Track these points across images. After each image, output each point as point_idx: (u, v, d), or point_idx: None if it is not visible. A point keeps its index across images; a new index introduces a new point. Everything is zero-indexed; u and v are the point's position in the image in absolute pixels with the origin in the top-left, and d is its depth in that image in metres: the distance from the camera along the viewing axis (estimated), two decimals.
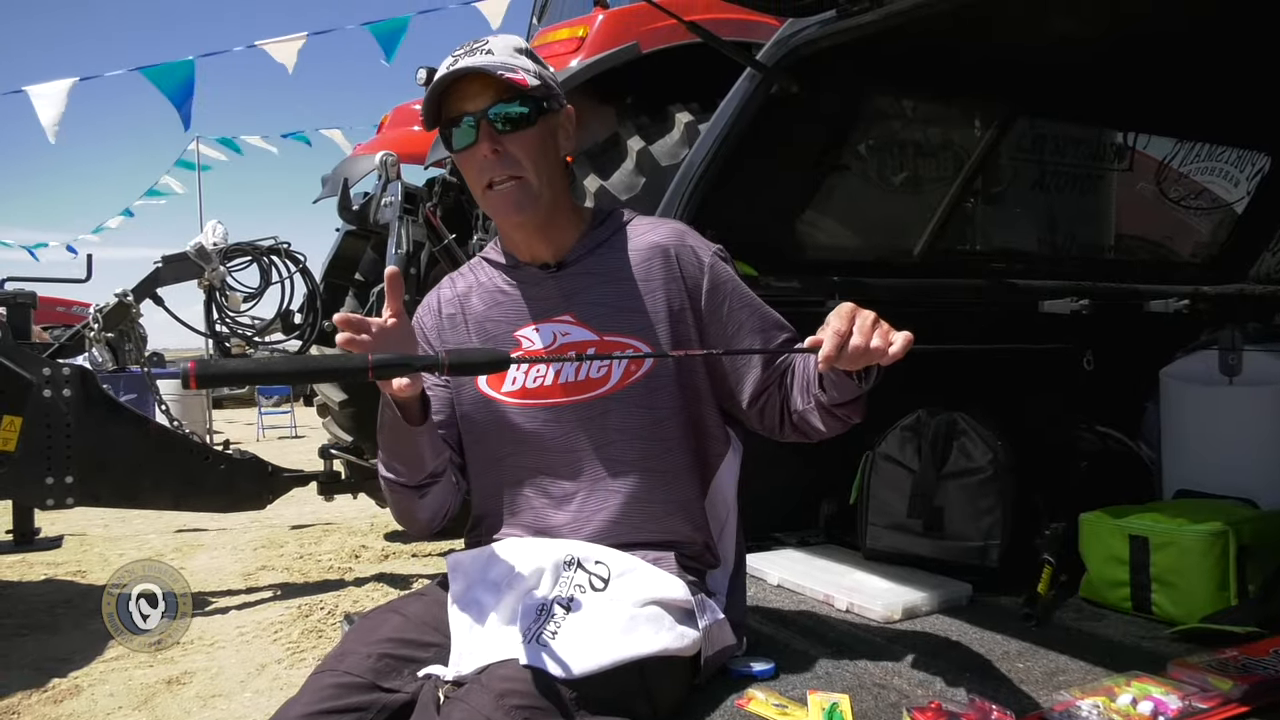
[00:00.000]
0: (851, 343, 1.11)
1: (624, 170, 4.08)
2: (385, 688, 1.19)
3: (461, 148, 1.36)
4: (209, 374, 0.99)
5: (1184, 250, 3.54)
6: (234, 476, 4.12)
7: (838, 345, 1.11)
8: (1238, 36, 2.14)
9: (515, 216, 1.37)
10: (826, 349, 1.11)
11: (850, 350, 1.11)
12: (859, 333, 1.12)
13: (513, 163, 1.34)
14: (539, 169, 1.36)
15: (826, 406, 1.29)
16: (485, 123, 1.33)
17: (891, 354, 1.12)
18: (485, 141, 1.33)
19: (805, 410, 1.34)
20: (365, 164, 4.71)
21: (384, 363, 1.05)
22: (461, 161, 1.39)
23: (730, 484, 1.50)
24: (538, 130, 1.36)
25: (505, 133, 1.33)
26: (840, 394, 1.26)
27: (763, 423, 1.43)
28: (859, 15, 1.89)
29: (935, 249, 2.78)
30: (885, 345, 1.11)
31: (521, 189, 1.35)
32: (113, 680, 3.09)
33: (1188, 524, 1.74)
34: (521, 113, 1.33)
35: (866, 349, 1.11)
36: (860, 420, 1.32)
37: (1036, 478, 2.05)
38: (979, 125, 2.81)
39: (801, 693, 1.36)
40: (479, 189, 1.38)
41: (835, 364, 1.13)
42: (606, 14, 4.35)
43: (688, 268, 1.42)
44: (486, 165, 1.34)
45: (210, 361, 1.03)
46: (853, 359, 1.12)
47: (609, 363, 1.39)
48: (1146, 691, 1.32)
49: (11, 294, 4.02)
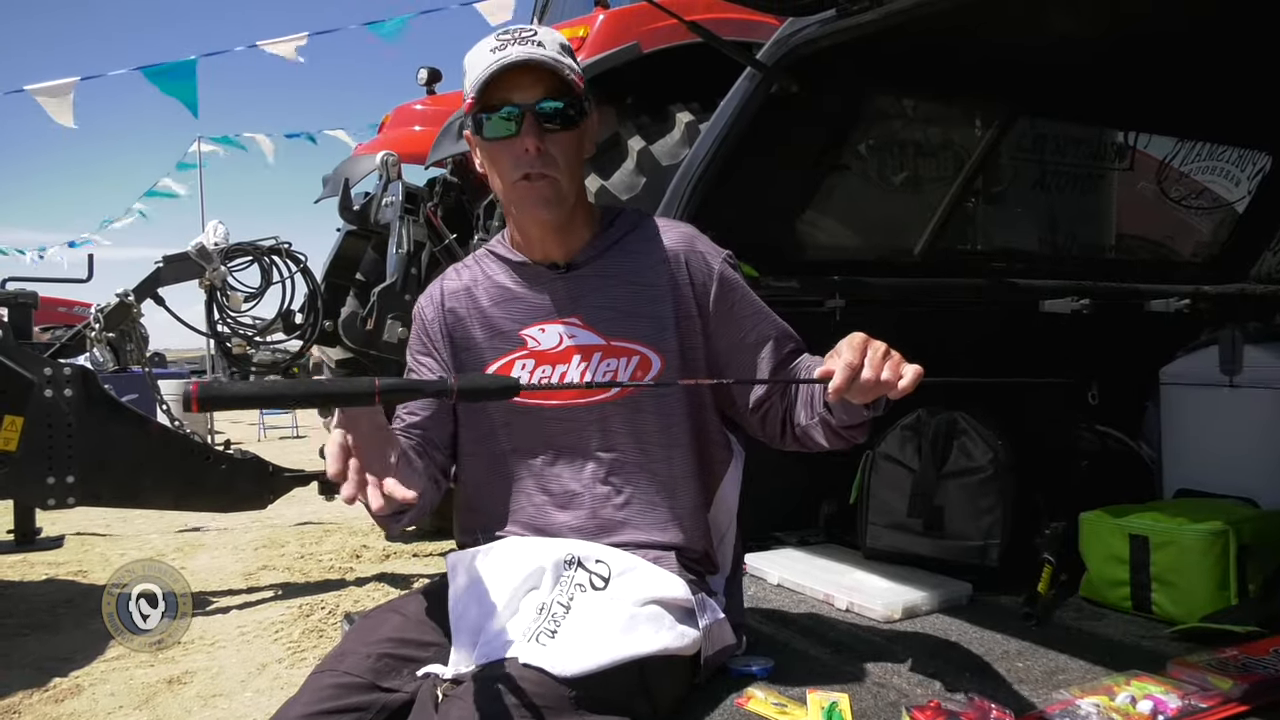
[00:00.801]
0: (863, 376, 1.10)
1: (624, 170, 4.07)
2: (385, 687, 1.19)
3: (499, 136, 1.32)
4: (211, 396, 0.97)
5: (1185, 250, 3.54)
6: (235, 476, 4.12)
7: (849, 379, 1.10)
8: (1238, 35, 2.14)
9: (543, 214, 1.35)
10: (837, 382, 1.10)
11: (861, 383, 1.10)
12: (870, 366, 1.11)
13: (550, 161, 1.32)
14: (573, 171, 1.35)
15: (833, 426, 1.29)
16: (531, 116, 1.30)
17: (901, 388, 1.11)
18: (530, 136, 1.29)
19: (809, 425, 1.33)
20: (366, 164, 4.71)
21: (391, 388, 1.01)
22: (492, 150, 1.34)
23: (733, 492, 1.49)
24: (578, 133, 1.35)
25: (550, 130, 1.31)
26: (849, 417, 1.25)
27: (764, 430, 1.43)
28: (859, 14, 1.88)
29: (936, 248, 2.78)
30: (895, 379, 1.11)
31: (553, 188, 1.33)
32: (114, 680, 3.09)
33: (1188, 523, 1.74)
34: (569, 113, 1.32)
35: (877, 382, 1.10)
36: (863, 440, 1.32)
37: (1037, 477, 2.05)
38: (979, 125, 2.81)
39: (801, 692, 1.36)
40: (509, 179, 1.34)
41: (845, 395, 1.12)
42: (607, 14, 4.35)
43: (696, 273, 1.41)
44: (524, 159, 1.31)
45: (213, 384, 1.01)
46: (862, 391, 1.12)
47: (614, 369, 1.38)
48: (1146, 690, 1.32)
49: (13, 294, 4.03)
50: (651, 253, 1.41)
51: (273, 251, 4.42)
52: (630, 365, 1.38)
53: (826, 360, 1.14)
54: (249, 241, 4.40)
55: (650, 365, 1.38)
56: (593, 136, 1.41)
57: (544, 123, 1.30)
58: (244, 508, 4.31)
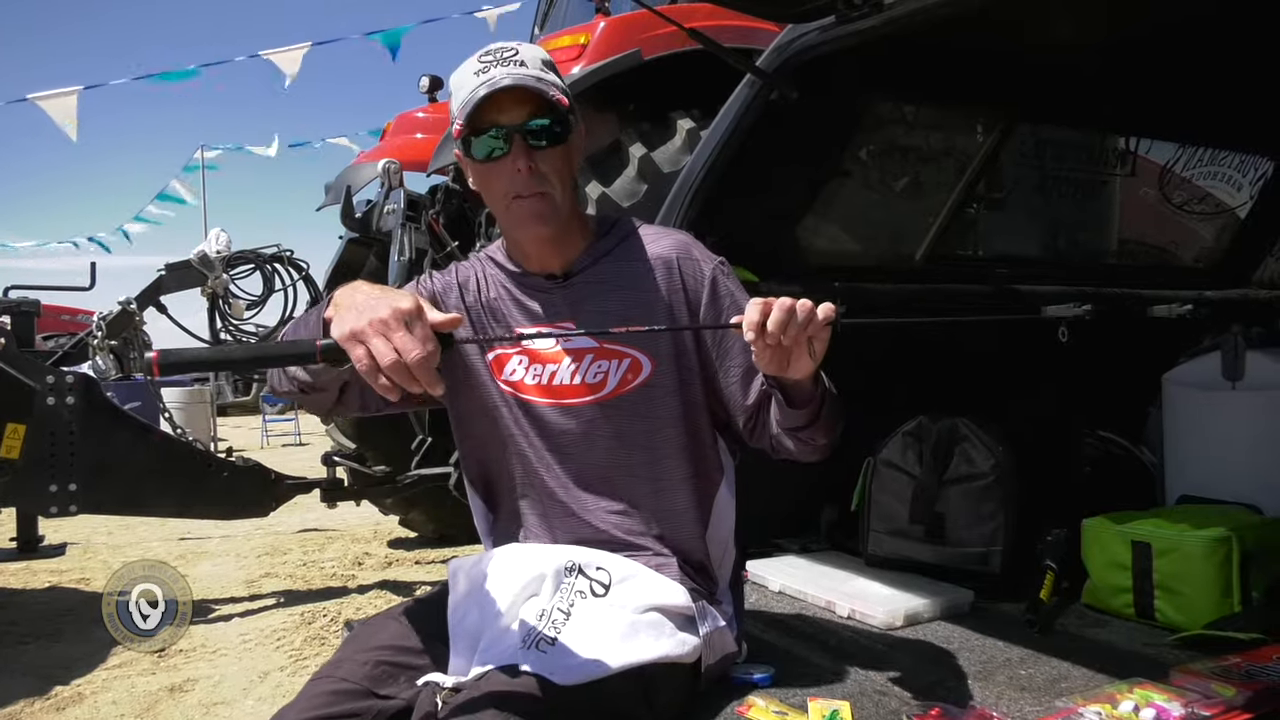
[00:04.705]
0: (773, 314, 1.12)
1: (626, 177, 4.07)
2: (381, 694, 1.19)
3: (488, 157, 1.34)
4: (170, 362, 1.05)
5: (1187, 255, 3.53)
6: (237, 484, 4.11)
7: (763, 312, 1.13)
8: (1239, 40, 2.13)
9: (539, 229, 1.37)
10: (751, 316, 1.13)
11: (775, 319, 1.12)
12: (778, 307, 1.13)
13: (542, 179, 1.34)
14: (565, 185, 1.37)
15: (786, 429, 1.32)
16: (519, 137, 1.32)
17: (821, 316, 1.14)
18: (521, 157, 1.32)
19: (778, 435, 1.36)
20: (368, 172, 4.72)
21: (332, 345, 1.08)
22: (485, 171, 1.36)
23: (730, 498, 1.49)
24: (566, 148, 1.36)
25: (539, 149, 1.33)
26: (784, 418, 1.29)
27: (757, 442, 1.44)
28: (858, 20, 1.88)
29: (936, 254, 2.77)
30: (808, 308, 1.13)
31: (547, 204, 1.35)
32: (115, 688, 3.09)
33: (1191, 530, 1.74)
34: (556, 131, 1.34)
35: (790, 315, 1.12)
36: (825, 441, 1.33)
37: (1039, 483, 2.04)
38: (980, 130, 2.80)
39: (802, 700, 1.36)
40: (504, 200, 1.36)
41: (767, 345, 1.14)
42: (608, 21, 4.36)
43: (689, 280, 1.42)
44: (516, 180, 1.33)
45: (170, 351, 1.08)
46: (780, 327, 1.12)
47: (605, 370, 1.39)
48: (1149, 698, 1.31)
49: (16, 302, 4.04)
50: (645, 259, 1.43)
51: (275, 259, 4.44)
52: (621, 367, 1.39)
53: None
54: (251, 249, 4.41)
55: (641, 368, 1.39)
56: (581, 148, 1.42)
57: (532, 142, 1.32)
58: (246, 515, 4.31)
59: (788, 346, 1.14)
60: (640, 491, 1.41)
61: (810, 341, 1.15)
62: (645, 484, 1.41)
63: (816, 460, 1.37)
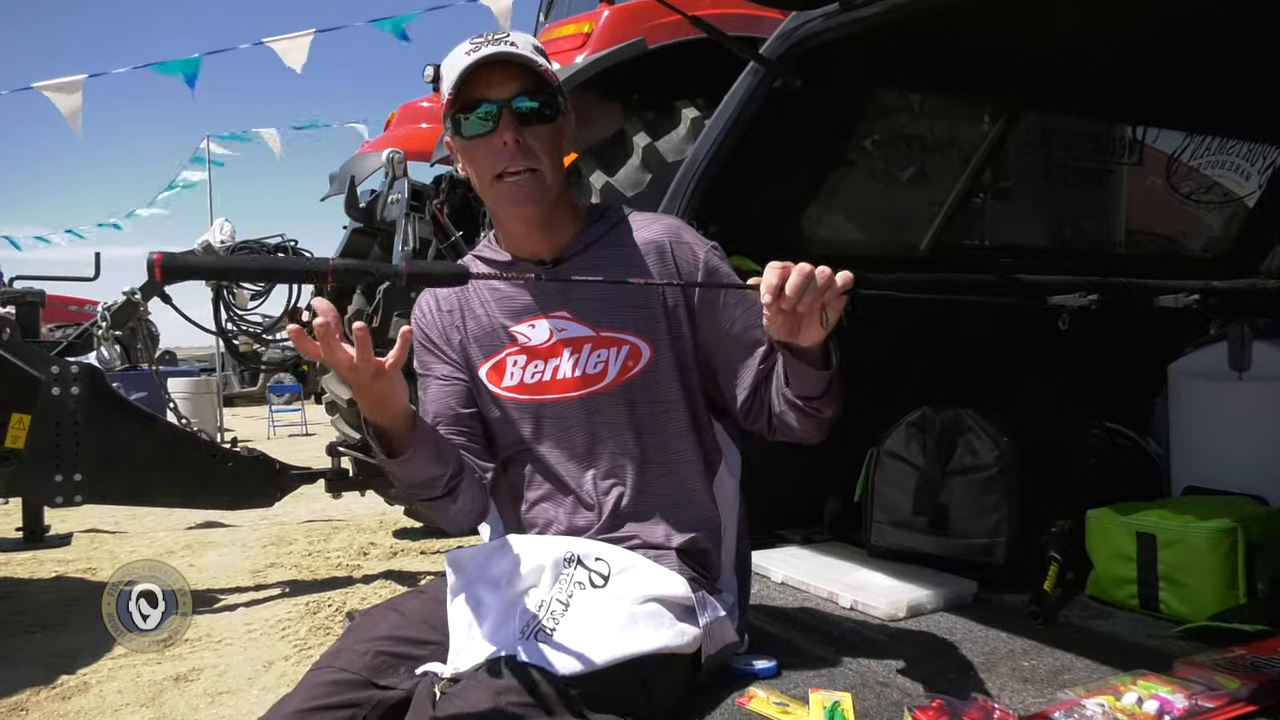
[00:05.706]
0: (791, 278, 1.13)
1: (630, 166, 4.07)
2: (380, 684, 1.19)
3: (476, 134, 1.34)
4: (173, 266, 1.05)
5: (1194, 245, 3.50)
6: (242, 474, 4.13)
7: (781, 277, 1.13)
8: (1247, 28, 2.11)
9: (525, 207, 1.37)
10: (769, 279, 1.14)
11: (794, 283, 1.12)
12: (796, 273, 1.13)
13: (530, 155, 1.33)
14: (553, 164, 1.36)
15: (794, 402, 1.29)
16: (508, 112, 1.32)
17: (840, 281, 1.14)
18: (508, 130, 1.31)
19: (782, 411, 1.34)
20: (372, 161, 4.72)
21: (345, 267, 1.12)
22: (472, 148, 1.36)
23: (732, 486, 1.49)
24: (556, 126, 1.36)
25: (528, 125, 1.33)
26: (799, 385, 1.26)
27: (752, 422, 1.43)
28: (862, 8, 1.87)
29: (942, 244, 2.76)
30: (827, 274, 1.14)
31: (535, 181, 1.35)
32: (121, 677, 3.10)
33: (1196, 521, 1.73)
34: (545, 111, 1.34)
35: (809, 279, 1.13)
36: (831, 414, 1.31)
37: (1043, 474, 2.03)
38: (986, 118, 2.79)
39: (803, 691, 1.35)
40: (488, 178, 1.36)
41: (783, 311, 1.14)
42: (612, 10, 4.34)
43: (683, 263, 1.42)
44: (504, 154, 1.32)
45: (176, 256, 1.07)
46: (796, 294, 1.13)
47: (605, 359, 1.39)
48: (1153, 690, 1.30)
49: (21, 292, 4.04)
50: (638, 244, 1.42)
51: (279, 249, 4.43)
52: (621, 354, 1.39)
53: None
54: (255, 239, 4.42)
55: (640, 354, 1.39)
56: (570, 136, 1.42)
57: (521, 117, 1.32)
58: (252, 505, 4.32)
59: (802, 313, 1.13)
60: (642, 480, 1.41)
61: (824, 309, 1.14)
62: (649, 469, 1.41)
63: (818, 439, 1.35)
